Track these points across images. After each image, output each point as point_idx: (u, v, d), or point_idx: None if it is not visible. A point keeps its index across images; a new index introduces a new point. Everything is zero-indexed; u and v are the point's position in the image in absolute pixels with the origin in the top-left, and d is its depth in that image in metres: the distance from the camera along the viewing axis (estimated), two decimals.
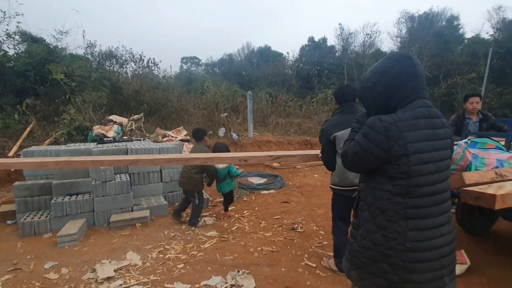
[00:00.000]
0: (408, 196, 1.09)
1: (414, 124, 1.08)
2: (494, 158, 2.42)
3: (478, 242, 3.23)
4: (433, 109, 1.15)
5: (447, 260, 1.14)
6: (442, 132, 1.15)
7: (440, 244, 1.12)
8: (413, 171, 1.07)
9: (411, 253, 1.08)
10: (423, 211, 1.09)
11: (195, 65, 35.33)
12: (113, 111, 8.98)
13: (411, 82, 1.13)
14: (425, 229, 1.09)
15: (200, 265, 2.73)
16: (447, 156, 1.17)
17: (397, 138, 1.06)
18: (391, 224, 1.11)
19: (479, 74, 16.45)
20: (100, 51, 12.41)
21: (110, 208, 3.78)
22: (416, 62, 1.16)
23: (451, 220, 1.18)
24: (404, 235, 1.08)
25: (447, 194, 1.16)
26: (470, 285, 2.42)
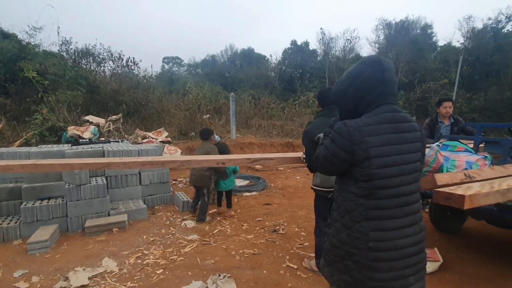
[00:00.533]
0: (370, 198, 1.13)
1: (376, 129, 1.12)
2: (464, 160, 2.55)
3: (450, 239, 3.39)
4: (400, 114, 1.18)
5: (412, 260, 1.16)
6: (410, 136, 1.16)
7: (404, 244, 1.14)
8: (375, 174, 1.11)
9: (373, 252, 1.12)
10: (385, 212, 1.13)
11: (177, 65, 34.78)
12: (89, 111, 8.64)
13: (379, 87, 1.17)
14: (388, 230, 1.13)
15: (180, 270, 2.67)
16: (414, 159, 1.17)
17: (359, 142, 1.10)
18: (355, 224, 1.16)
19: (451, 80, 17.40)
20: (76, 48, 11.91)
21: (85, 212, 3.61)
22: (386, 68, 1.18)
23: (419, 222, 1.19)
24: (366, 235, 1.13)
25: (415, 197, 1.18)
26: (442, 281, 2.53)
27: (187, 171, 7.09)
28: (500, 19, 18.95)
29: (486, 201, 1.62)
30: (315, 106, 14.70)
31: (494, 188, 1.69)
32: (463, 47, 19.71)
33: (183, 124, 9.67)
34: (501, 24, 18.98)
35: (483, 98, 17.36)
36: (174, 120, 10.01)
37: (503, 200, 1.77)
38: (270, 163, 1.88)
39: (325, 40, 23.45)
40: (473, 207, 1.61)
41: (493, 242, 3.33)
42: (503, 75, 17.98)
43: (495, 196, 1.64)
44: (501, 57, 17.89)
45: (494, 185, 1.76)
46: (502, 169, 2.15)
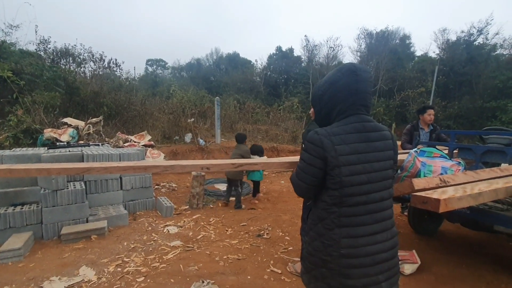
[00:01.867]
0: (342, 206, 1.16)
1: (344, 138, 1.15)
2: (440, 165, 2.68)
3: (427, 242, 3.53)
4: (371, 124, 1.21)
5: (384, 266, 1.18)
6: (379, 145, 1.19)
7: (375, 250, 1.16)
8: (345, 181, 1.14)
9: (345, 259, 1.15)
10: (356, 219, 1.16)
11: (161, 68, 34.25)
12: (68, 113, 8.31)
13: (351, 98, 1.19)
14: (358, 236, 1.15)
15: (162, 278, 2.60)
16: (384, 167, 1.20)
17: (330, 150, 1.14)
18: (328, 231, 1.18)
19: (427, 88, 18.24)
20: (55, 48, 11.45)
21: (62, 219, 3.45)
22: (360, 78, 1.19)
23: (390, 228, 1.22)
24: (339, 242, 1.15)
25: (385, 204, 1.21)
26: (420, 282, 2.62)
27: (170, 176, 6.97)
28: (472, 32, 20.13)
29: (460, 204, 1.71)
30: (299, 111, 14.99)
31: (467, 192, 1.79)
32: (439, 57, 20.79)
33: (167, 127, 9.50)
34: (473, 37, 20.17)
35: (457, 106, 18.33)
36: (157, 124, 9.82)
37: (475, 203, 1.87)
38: (254, 168, 1.89)
39: (309, 47, 23.95)
40: (448, 211, 1.69)
41: (467, 244, 3.49)
42: (474, 85, 19.07)
43: (467, 200, 1.73)
44: (473, 68, 18.99)
45: (466, 190, 1.86)
46: (474, 174, 2.27)
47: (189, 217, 4.28)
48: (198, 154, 8.47)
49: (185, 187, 6.09)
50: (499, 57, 20.15)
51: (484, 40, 20.12)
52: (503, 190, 1.99)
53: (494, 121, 16.39)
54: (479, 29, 19.88)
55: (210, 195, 5.48)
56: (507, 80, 17.04)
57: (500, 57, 20.26)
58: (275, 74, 24.15)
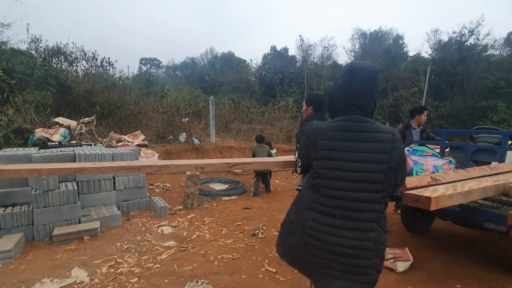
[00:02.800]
0: (317, 193, 1.27)
1: (328, 134, 1.24)
2: (431, 164, 2.72)
3: (419, 239, 3.57)
4: (363, 124, 1.21)
5: (341, 259, 1.19)
6: (367, 146, 1.18)
7: (334, 242, 1.20)
8: (319, 173, 1.24)
9: (306, 237, 1.26)
10: (325, 208, 1.23)
11: (155, 67, 33.99)
12: (60, 113, 8.20)
13: (344, 97, 1.25)
14: (322, 224, 1.23)
15: (156, 278, 2.58)
16: (369, 169, 1.17)
17: (313, 142, 1.27)
18: (301, 210, 1.32)
19: (420, 88, 18.47)
20: (47, 46, 11.28)
21: (53, 220, 3.40)
22: (356, 78, 1.21)
23: (363, 231, 1.18)
24: (306, 221, 1.28)
25: (363, 206, 1.18)
26: (412, 279, 2.65)
27: (164, 176, 6.93)
28: (463, 33, 20.43)
29: (450, 202, 1.74)
30: (294, 111, 15.04)
31: (457, 190, 1.82)
32: (431, 58, 21.06)
33: (161, 127, 9.44)
34: (464, 37, 20.47)
35: (449, 106, 18.59)
36: (151, 123, 9.75)
37: (465, 201, 1.90)
38: (249, 167, 1.89)
39: (303, 46, 24.02)
40: (439, 208, 1.72)
41: (458, 241, 3.55)
42: (466, 85, 19.37)
43: (457, 198, 1.76)
44: (464, 69, 19.28)
45: (457, 188, 1.89)
46: (464, 173, 2.31)
47: (184, 217, 4.26)
48: (192, 153, 8.43)
49: (180, 187, 6.06)
50: (489, 58, 20.50)
51: (475, 41, 20.45)
52: (492, 188, 2.03)
53: (485, 120, 16.67)
54: (470, 30, 20.19)
55: (205, 194, 5.46)
56: (498, 80, 17.35)
57: (491, 57, 20.63)
58: (270, 74, 24.18)
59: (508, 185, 2.06)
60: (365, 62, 1.29)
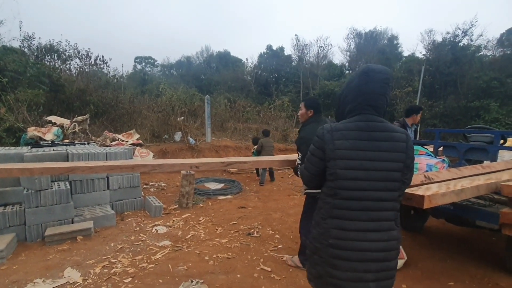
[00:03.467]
0: (335, 197, 1.21)
1: (345, 134, 1.21)
2: (425, 163, 2.75)
3: (413, 237, 3.61)
4: (378, 123, 1.22)
5: (373, 266, 1.16)
6: (385, 145, 1.18)
7: (364, 247, 1.16)
8: (339, 174, 1.19)
9: (332, 249, 1.19)
10: (348, 213, 1.19)
11: (150, 65, 33.75)
12: (52, 112, 8.08)
13: (359, 97, 1.24)
14: (349, 230, 1.18)
15: (151, 278, 2.56)
16: (388, 167, 1.18)
17: (329, 143, 1.21)
18: (322, 221, 1.25)
19: (414, 88, 18.64)
20: (39, 44, 11.09)
21: (46, 220, 3.35)
22: (371, 79, 1.22)
23: (387, 230, 1.19)
24: (329, 231, 1.21)
25: (384, 204, 1.19)
26: (407, 277, 2.67)
27: (159, 175, 6.88)
28: (457, 33, 20.66)
29: (443, 200, 1.75)
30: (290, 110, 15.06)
31: (450, 188, 1.83)
32: (425, 58, 21.26)
33: (156, 126, 9.36)
34: (458, 38, 20.71)
35: (442, 105, 18.80)
36: (146, 122, 9.67)
37: (457, 199, 1.92)
38: (244, 167, 1.89)
39: (299, 46, 24.10)
40: (433, 207, 1.73)
41: (452, 239, 3.59)
42: (459, 85, 19.60)
43: (450, 196, 1.78)
44: (458, 69, 19.51)
45: (450, 186, 1.91)
46: (457, 171, 2.33)
47: (179, 216, 4.24)
48: (188, 153, 8.39)
49: (175, 186, 6.03)
50: (482, 58, 20.77)
51: (469, 41, 20.70)
52: (484, 187, 2.05)
53: (477, 120, 16.89)
54: (463, 31, 20.43)
55: (200, 194, 5.43)
56: (490, 80, 17.59)
57: (484, 58, 20.90)
58: (266, 73, 24.20)
59: (500, 183, 2.09)
60: (379, 65, 1.30)
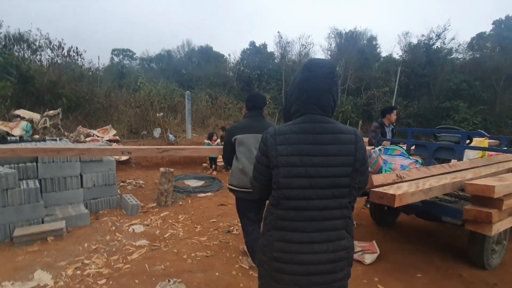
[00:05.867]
0: (278, 207, 1.12)
1: (288, 138, 1.09)
2: (399, 164, 2.88)
3: (386, 232, 3.78)
4: (325, 125, 1.10)
5: (319, 279, 1.09)
6: (331, 148, 1.08)
7: (309, 261, 1.08)
8: (282, 183, 1.08)
9: (276, 262, 1.11)
10: (291, 224, 1.09)
11: (128, 58, 32.54)
12: (21, 105, 7.62)
13: (302, 95, 1.12)
14: (292, 242, 1.09)
15: (126, 279, 2.50)
16: (335, 173, 1.08)
17: (272, 148, 1.10)
18: (266, 232, 1.17)
19: (391, 88, 19.38)
20: (7, 33, 10.37)
21: (13, 220, 3.17)
22: (313, 74, 1.10)
23: (335, 241, 1.10)
24: (272, 244, 1.12)
25: (331, 213, 1.09)
26: (378, 270, 2.80)
27: (137, 172, 6.71)
28: (431, 36, 21.67)
29: (413, 199, 1.85)
30: (272, 107, 15.14)
31: (419, 187, 1.94)
32: (401, 59, 22.12)
33: (134, 122, 9.09)
34: (432, 41, 21.73)
35: (416, 105, 19.72)
36: (123, 117, 9.36)
37: (426, 197, 2.04)
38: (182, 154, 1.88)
39: (282, 43, 24.20)
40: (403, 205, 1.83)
41: (421, 233, 3.80)
42: (432, 86, 20.63)
43: (419, 195, 1.88)
44: (431, 71, 20.51)
45: (419, 185, 2.01)
46: (426, 170, 2.46)
47: (157, 215, 4.16)
48: None
49: (153, 184, 5.89)
50: (454, 61, 21.96)
51: (442, 44, 21.78)
52: (450, 185, 2.19)
53: (448, 120, 17.88)
54: (437, 34, 21.46)
55: (180, 191, 5.36)
56: (460, 82, 18.65)
57: (455, 61, 22.10)
58: (248, 70, 24.12)
59: (464, 182, 2.23)
60: (323, 59, 1.18)
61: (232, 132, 2.50)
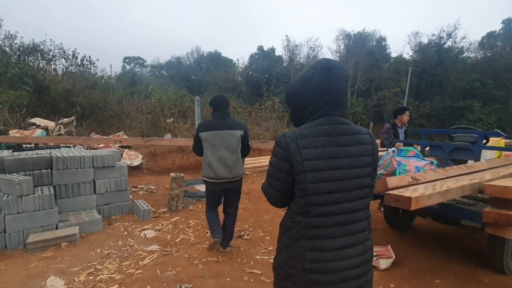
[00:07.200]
0: (307, 215, 1.06)
1: (311, 141, 1.04)
2: (413, 165, 2.80)
3: (401, 236, 3.66)
4: (344, 126, 1.09)
5: (353, 284, 1.08)
6: (353, 150, 1.07)
7: (343, 267, 1.06)
8: (310, 189, 1.03)
9: (309, 274, 1.05)
10: (322, 231, 1.05)
11: (139, 66, 33.28)
12: (37, 113, 7.86)
13: (324, 97, 1.08)
14: (325, 250, 1.05)
15: (138, 284, 2.50)
16: (359, 174, 1.08)
17: (295, 153, 1.04)
18: (293, 243, 1.09)
19: (402, 89, 19.03)
20: (22, 44, 10.79)
21: (28, 227, 3.24)
22: (334, 76, 1.08)
23: (363, 242, 1.11)
24: (303, 255, 1.06)
25: (359, 215, 1.09)
26: (395, 276, 2.71)
27: (148, 178, 6.78)
28: (442, 35, 21.25)
29: (430, 202, 1.78)
30: (281, 110, 15.13)
31: (436, 189, 1.86)
32: (412, 59, 21.74)
33: (145, 128, 9.23)
34: (443, 40, 21.29)
35: (429, 106, 19.28)
36: (135, 124, 9.53)
37: (443, 200, 1.95)
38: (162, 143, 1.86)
39: (290, 47, 24.25)
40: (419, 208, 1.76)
41: (438, 237, 3.66)
42: (444, 85, 20.14)
43: (436, 197, 1.81)
44: (443, 70, 20.06)
45: (436, 187, 1.93)
46: (443, 172, 2.37)
47: (168, 220, 4.17)
48: (178, 154, 8.27)
49: (164, 189, 5.93)
50: (465, 60, 21.43)
51: (453, 43, 21.32)
52: (469, 187, 2.10)
53: (462, 119, 17.39)
54: (448, 33, 21.03)
55: (190, 196, 5.37)
56: (473, 81, 18.15)
57: (467, 59, 21.56)
58: (257, 74, 24.23)
59: (483, 183, 2.14)
60: (337, 61, 1.17)
61: (198, 130, 2.94)
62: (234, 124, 2.97)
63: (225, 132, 2.89)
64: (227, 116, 3.00)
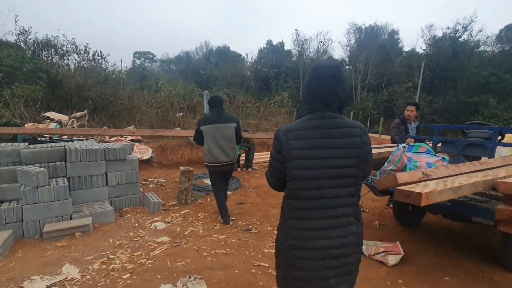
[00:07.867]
0: (294, 198, 1.22)
1: (299, 134, 1.20)
2: (425, 161, 2.75)
3: (410, 233, 3.63)
4: (334, 120, 1.19)
5: (334, 262, 1.18)
6: (341, 142, 1.17)
7: (324, 245, 1.17)
8: (296, 175, 1.18)
9: (293, 250, 1.21)
10: (306, 213, 1.19)
11: (149, 60, 33.56)
12: (50, 107, 8.06)
13: (310, 95, 1.25)
14: (307, 230, 1.19)
15: (149, 274, 2.57)
16: (345, 164, 1.17)
17: (284, 144, 1.21)
18: (283, 223, 1.28)
19: (414, 83, 18.60)
20: (36, 39, 11.00)
21: (44, 217, 3.35)
22: (318, 76, 1.23)
23: (346, 226, 1.20)
24: (289, 233, 1.23)
25: (342, 201, 1.19)
26: (403, 273, 2.69)
27: (158, 171, 6.89)
28: (457, 28, 20.55)
29: (441, 198, 1.75)
30: (290, 106, 15.05)
31: (448, 185, 1.83)
32: (425, 53, 21.16)
33: (155, 122, 9.35)
34: (458, 33, 20.60)
35: (442, 101, 18.79)
36: (145, 118, 9.66)
37: (455, 196, 1.92)
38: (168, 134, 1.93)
39: (299, 41, 23.97)
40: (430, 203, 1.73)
41: (448, 234, 3.61)
42: (459, 80, 19.55)
43: (448, 193, 1.78)
44: (457, 64, 19.46)
45: (447, 183, 1.90)
46: (455, 168, 2.33)
47: (177, 212, 4.25)
48: (187, 148, 8.37)
49: (174, 183, 6.03)
50: (482, 54, 20.70)
51: (469, 37, 20.61)
52: (481, 183, 2.06)
53: (476, 115, 16.90)
54: (464, 26, 20.33)
55: (199, 190, 5.44)
56: (489, 76, 17.55)
57: (483, 53, 20.82)
58: (265, 68, 24.09)
59: (497, 180, 2.09)
60: (328, 60, 1.32)
61: (200, 124, 3.63)
62: (229, 118, 3.70)
63: (222, 125, 3.59)
64: (223, 112, 3.72)
